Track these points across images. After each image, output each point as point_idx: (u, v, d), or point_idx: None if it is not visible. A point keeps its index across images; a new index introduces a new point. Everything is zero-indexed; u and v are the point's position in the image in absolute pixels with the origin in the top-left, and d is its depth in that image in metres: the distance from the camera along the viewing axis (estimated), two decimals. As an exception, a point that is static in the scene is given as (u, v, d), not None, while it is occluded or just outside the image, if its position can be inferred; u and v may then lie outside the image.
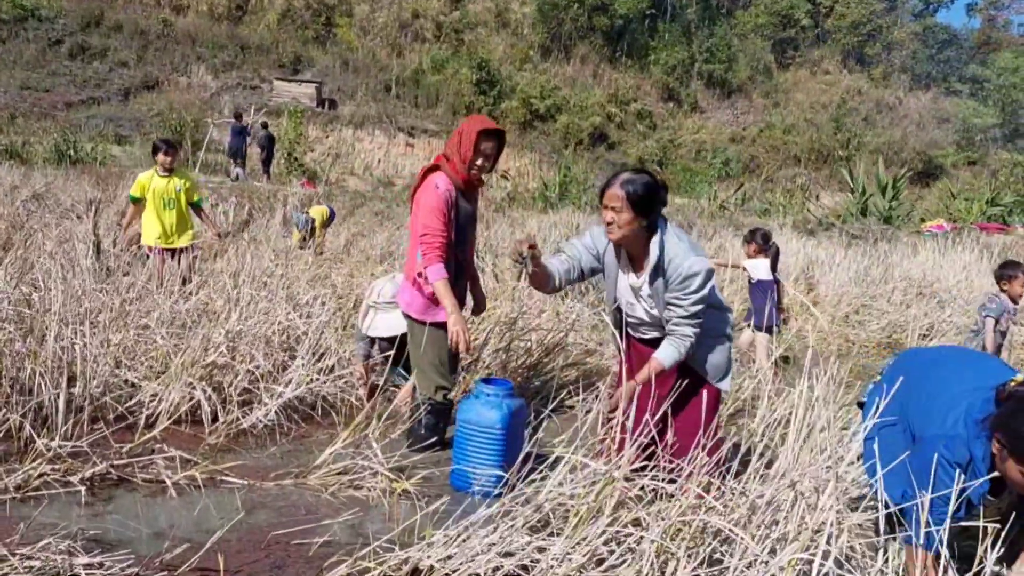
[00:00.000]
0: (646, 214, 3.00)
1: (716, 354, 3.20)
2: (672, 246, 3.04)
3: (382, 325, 4.39)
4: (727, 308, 3.31)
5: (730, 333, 3.28)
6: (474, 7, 40.64)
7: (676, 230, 3.14)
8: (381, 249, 10.19)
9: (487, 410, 3.31)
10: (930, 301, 7.76)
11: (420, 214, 3.65)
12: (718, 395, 3.24)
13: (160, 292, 4.68)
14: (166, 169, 6.56)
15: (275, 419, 3.91)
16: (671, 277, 3.03)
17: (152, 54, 30.27)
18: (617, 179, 3.04)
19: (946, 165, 39.58)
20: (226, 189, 15.10)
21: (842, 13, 47.88)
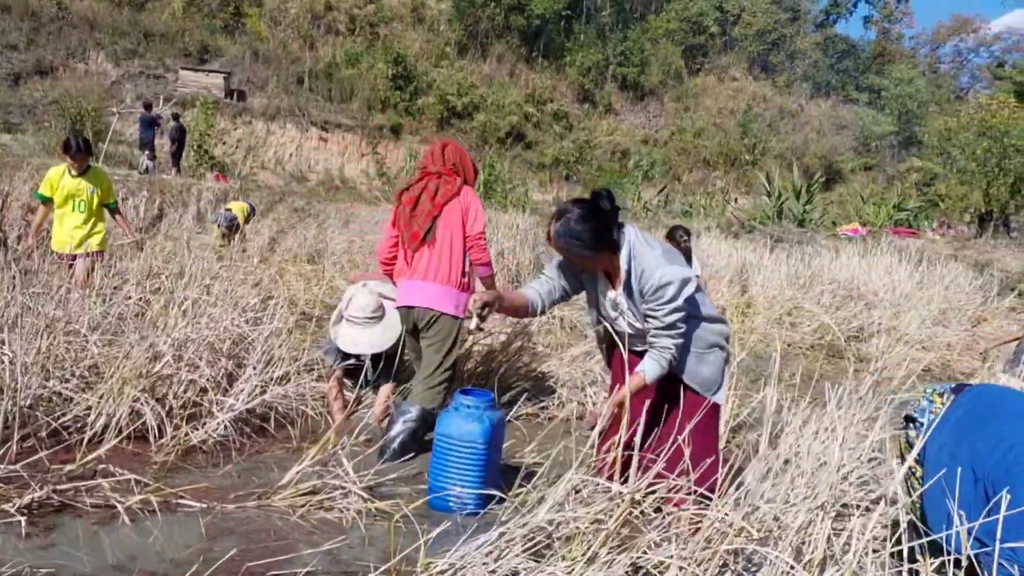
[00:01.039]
0: (600, 245, 2.89)
1: (704, 366, 3.07)
2: (642, 257, 2.91)
3: (364, 342, 4.16)
4: (719, 319, 3.18)
5: (722, 344, 3.15)
6: (389, 1, 40.04)
7: (644, 238, 2.99)
8: (309, 247, 9.83)
9: (468, 423, 3.13)
10: (858, 303, 7.96)
11: (478, 219, 3.97)
12: (714, 408, 3.13)
13: (89, 295, 4.30)
14: (79, 170, 6.04)
15: (226, 434, 3.63)
16: (644, 288, 2.91)
17: (45, 38, 28.55)
18: (552, 232, 2.89)
19: (844, 171, 41.29)
20: (134, 182, 14.33)
21: (748, 22, 49.35)
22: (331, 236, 10.62)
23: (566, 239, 2.85)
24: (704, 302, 3.11)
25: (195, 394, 3.75)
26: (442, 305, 3.84)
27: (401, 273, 3.99)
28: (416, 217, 3.91)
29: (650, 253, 2.91)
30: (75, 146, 5.99)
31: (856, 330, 7.48)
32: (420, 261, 3.88)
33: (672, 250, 3.04)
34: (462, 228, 3.90)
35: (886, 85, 42.05)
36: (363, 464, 3.27)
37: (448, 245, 3.85)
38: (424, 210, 3.90)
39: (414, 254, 3.90)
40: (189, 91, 28.36)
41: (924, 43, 55.94)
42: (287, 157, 30.82)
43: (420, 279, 3.87)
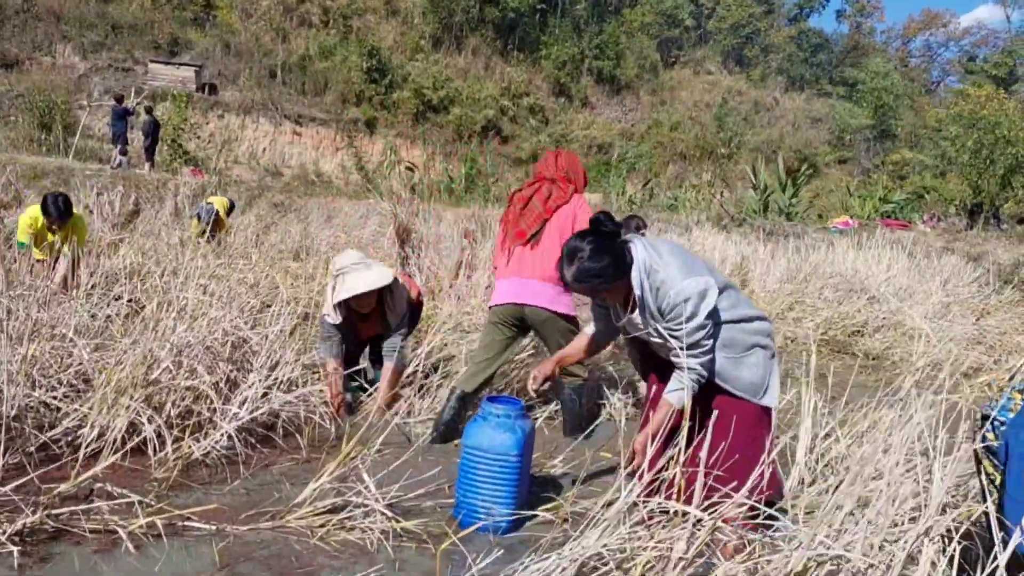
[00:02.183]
0: (618, 275, 2.71)
1: (745, 369, 2.84)
2: (655, 274, 2.69)
3: (361, 282, 3.98)
4: (755, 316, 2.95)
5: (765, 343, 2.92)
6: (363, -7, 39.56)
7: (655, 251, 2.74)
8: (294, 244, 9.52)
9: (499, 434, 2.89)
10: (861, 297, 7.82)
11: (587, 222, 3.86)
12: (761, 413, 2.91)
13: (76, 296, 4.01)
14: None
15: (230, 445, 3.36)
16: (662, 307, 2.70)
17: (10, 30, 27.82)
18: (569, 277, 2.71)
19: (820, 164, 41.52)
20: (107, 177, 13.89)
21: (723, 15, 49.49)
22: (316, 232, 10.30)
23: (586, 281, 2.71)
24: (736, 301, 2.87)
25: (195, 402, 3.48)
26: (554, 304, 3.89)
27: (503, 272, 4.00)
28: (525, 217, 3.96)
29: (664, 269, 2.69)
30: (55, 212, 5.41)
31: (860, 325, 7.34)
32: (523, 261, 3.92)
33: (691, 258, 2.82)
34: (570, 234, 3.70)
35: (862, 78, 42.32)
36: (385, 479, 3.01)
37: (555, 249, 3.70)
38: (535, 212, 3.94)
39: (515, 251, 3.96)
40: (159, 84, 27.80)
41: (895, 37, 56.43)
42: (261, 151, 30.34)
43: (526, 277, 3.90)
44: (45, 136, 19.81)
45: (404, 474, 3.11)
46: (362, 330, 4.44)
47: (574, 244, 2.72)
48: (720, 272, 3.04)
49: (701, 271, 2.74)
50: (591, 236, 2.72)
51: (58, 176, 14.11)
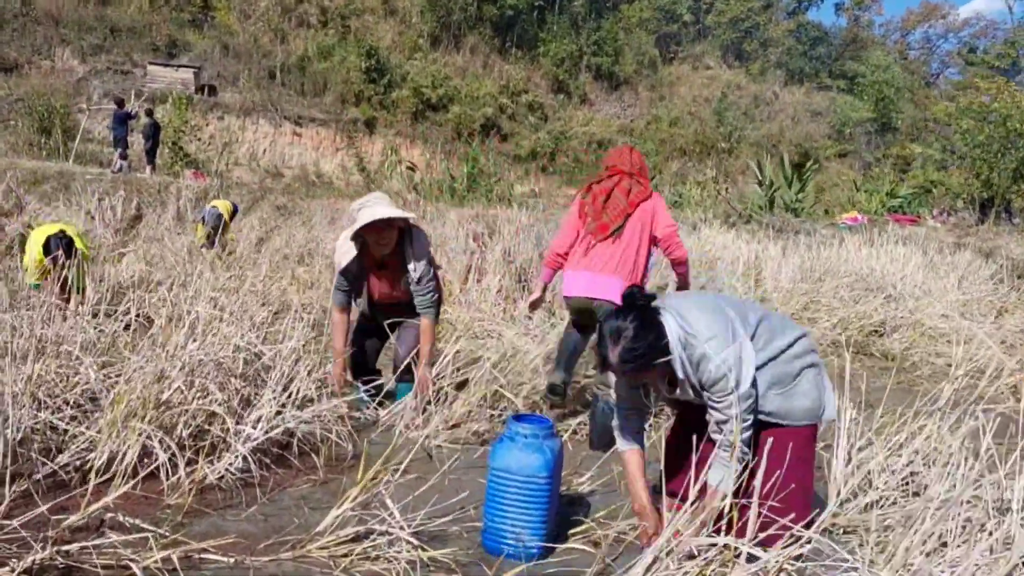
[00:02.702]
0: (662, 353, 2.51)
1: (799, 398, 2.66)
2: (692, 347, 2.52)
3: (372, 212, 3.94)
4: (795, 338, 2.71)
5: (810, 360, 2.69)
6: (360, -7, 39.36)
7: (685, 318, 2.56)
8: (299, 248, 9.39)
9: (527, 456, 2.76)
10: (878, 296, 7.69)
11: (669, 220, 4.02)
12: (813, 431, 2.76)
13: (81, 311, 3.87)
14: None
15: (245, 467, 3.23)
16: (703, 380, 2.54)
17: (9, 34, 27.65)
18: (615, 361, 2.51)
19: (820, 157, 41.34)
20: (107, 181, 13.75)
21: (721, 10, 49.27)
22: (320, 235, 10.16)
23: (633, 362, 2.49)
24: (772, 333, 2.67)
25: (207, 422, 3.35)
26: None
27: (578, 264, 3.99)
28: (608, 210, 3.95)
29: (698, 339, 2.52)
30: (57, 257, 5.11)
31: (878, 325, 7.21)
32: (603, 255, 3.92)
33: (717, 310, 2.61)
34: (649, 230, 3.96)
35: (863, 71, 42.15)
36: (409, 504, 2.87)
37: (636, 245, 3.92)
38: (619, 207, 3.94)
39: (596, 245, 3.95)
40: (158, 87, 27.64)
41: (894, 30, 56.24)
42: (261, 153, 30.19)
43: (598, 272, 3.91)
44: (45, 140, 19.67)
45: (428, 497, 2.98)
46: (378, 285, 4.26)
47: (615, 324, 2.51)
48: (744, 301, 2.86)
49: (732, 326, 2.57)
50: (632, 314, 2.51)
51: (58, 181, 13.98)
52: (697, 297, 2.76)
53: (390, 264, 4.16)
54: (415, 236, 4.13)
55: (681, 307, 2.61)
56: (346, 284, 4.21)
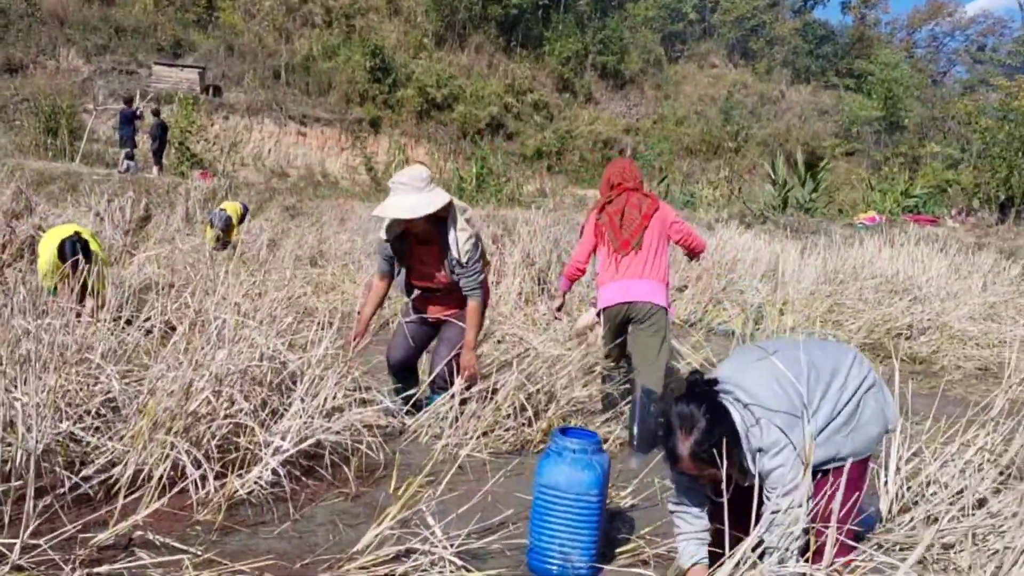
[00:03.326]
0: (737, 442, 2.33)
1: (866, 428, 2.51)
2: (754, 438, 2.35)
3: (419, 204, 3.75)
4: (848, 370, 2.54)
5: (868, 382, 2.54)
6: (364, -8, 39.23)
7: (747, 407, 2.37)
8: (311, 249, 9.28)
9: (577, 472, 2.63)
10: (903, 298, 7.55)
11: (678, 220, 4.49)
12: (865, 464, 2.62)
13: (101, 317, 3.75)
14: None
15: (275, 479, 3.11)
16: (762, 472, 2.38)
17: (14, 35, 27.56)
18: (687, 454, 2.30)
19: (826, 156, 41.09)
20: (115, 182, 13.64)
21: (727, 8, 49.07)
22: (332, 236, 10.04)
23: (706, 454, 2.27)
24: (828, 386, 2.49)
25: (235, 434, 3.23)
26: (657, 299, 4.26)
27: (610, 278, 4.34)
28: (625, 228, 4.32)
29: (760, 426, 2.35)
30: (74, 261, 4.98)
31: (904, 327, 7.07)
32: (630, 265, 4.29)
33: (773, 381, 2.42)
34: (665, 237, 4.39)
35: (872, 70, 41.92)
36: (449, 519, 2.75)
37: (654, 251, 4.33)
38: (635, 223, 4.31)
39: (622, 260, 4.31)
40: (164, 87, 27.54)
41: (900, 28, 56.01)
42: (266, 152, 30.10)
43: (630, 279, 4.27)
44: (51, 141, 19.55)
45: (468, 513, 2.85)
46: (419, 265, 4.08)
47: (685, 411, 2.30)
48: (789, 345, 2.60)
49: (792, 403, 2.39)
50: (701, 402, 2.32)
51: (65, 181, 13.89)
52: (752, 366, 2.52)
53: (433, 239, 3.95)
54: (456, 216, 3.93)
55: (740, 381, 2.42)
56: (388, 252, 4.09)
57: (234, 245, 9.79)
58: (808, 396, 2.41)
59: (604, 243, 4.40)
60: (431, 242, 3.95)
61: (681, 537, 2.54)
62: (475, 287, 4.02)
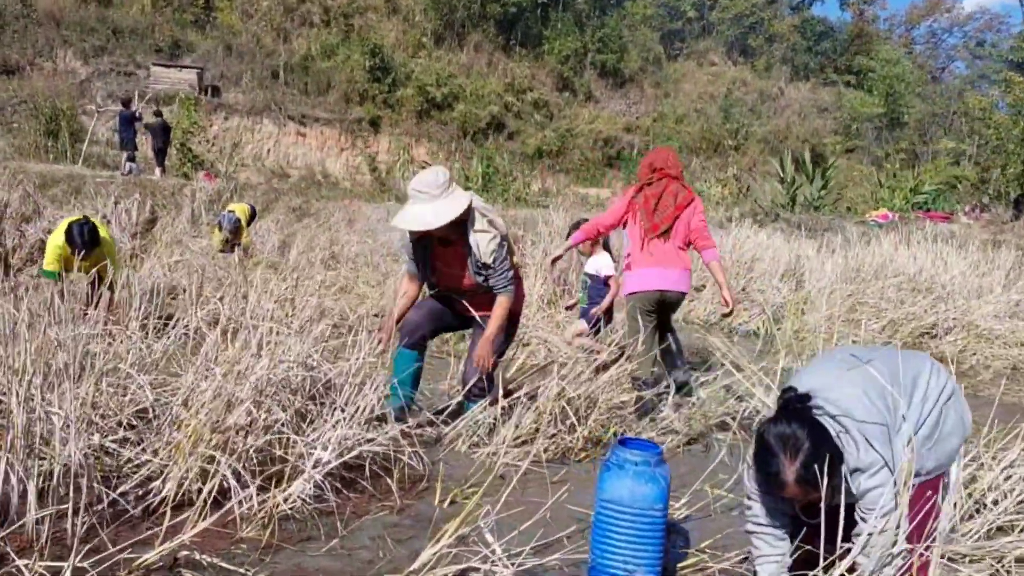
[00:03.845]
0: (841, 462, 2.20)
1: (948, 440, 2.40)
2: (849, 456, 2.22)
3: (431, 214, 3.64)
4: (927, 378, 2.43)
5: (949, 391, 2.44)
6: (363, -9, 39.08)
7: (840, 423, 2.25)
8: (322, 251, 9.16)
9: (640, 486, 2.52)
10: (926, 297, 7.45)
11: (704, 219, 4.75)
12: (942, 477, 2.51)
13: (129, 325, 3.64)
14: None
15: (319, 493, 3.00)
16: (856, 492, 2.26)
17: (10, 36, 27.37)
18: (792, 479, 2.14)
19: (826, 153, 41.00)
20: (119, 184, 13.51)
21: (726, 5, 48.98)
22: (343, 238, 9.93)
23: (813, 479, 2.12)
24: (911, 399, 2.36)
25: (273, 445, 3.12)
26: (683, 287, 4.65)
27: (642, 262, 4.58)
28: (659, 212, 4.56)
29: (852, 448, 2.22)
30: (80, 243, 5.06)
31: (929, 327, 6.98)
32: (660, 252, 4.56)
33: (864, 407, 2.27)
34: (689, 229, 4.64)
35: (873, 66, 41.85)
36: (506, 532, 2.63)
37: (683, 240, 4.62)
38: (668, 210, 4.56)
39: (650, 243, 4.56)
40: (162, 88, 27.39)
41: (898, 24, 55.97)
42: (266, 153, 29.97)
43: (665, 267, 4.54)
44: (52, 143, 19.39)
45: (523, 525, 2.74)
46: (443, 267, 3.94)
47: (786, 432, 2.15)
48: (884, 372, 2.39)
49: (884, 416, 2.27)
50: (801, 422, 2.17)
51: (68, 184, 13.75)
52: (843, 383, 2.35)
53: (455, 240, 3.82)
54: (475, 218, 3.79)
55: (830, 396, 2.29)
56: (410, 252, 4.01)
57: (245, 247, 9.69)
58: (897, 407, 2.30)
59: (635, 222, 4.65)
60: (453, 243, 3.84)
61: (761, 560, 2.42)
62: (505, 285, 3.88)
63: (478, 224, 3.79)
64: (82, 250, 5.01)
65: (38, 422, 2.67)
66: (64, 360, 2.83)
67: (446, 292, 4.08)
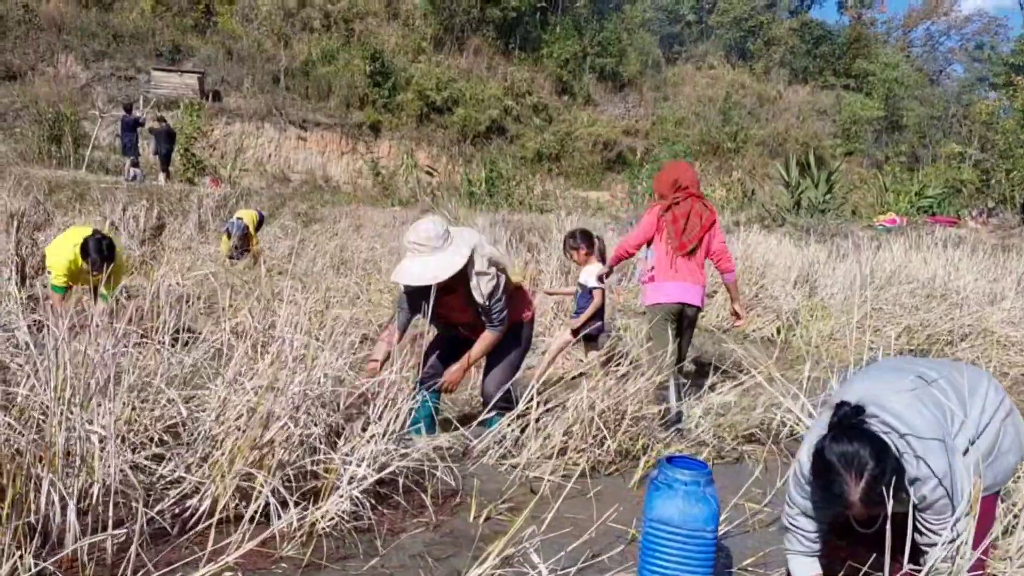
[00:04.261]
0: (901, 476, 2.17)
1: (1006, 457, 2.38)
2: (908, 467, 2.19)
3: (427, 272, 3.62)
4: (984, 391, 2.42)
5: (1006, 407, 2.42)
6: (362, -4, 39.09)
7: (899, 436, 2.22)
8: (333, 257, 9.12)
9: (691, 506, 2.49)
10: (941, 303, 7.44)
11: (721, 236, 4.98)
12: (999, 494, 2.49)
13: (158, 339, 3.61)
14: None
15: (355, 509, 2.97)
16: (917, 503, 2.24)
17: (12, 41, 27.35)
18: (858, 497, 2.12)
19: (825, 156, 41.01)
20: (124, 190, 13.46)
21: (724, 9, 49.06)
22: (352, 244, 9.90)
23: (880, 498, 2.09)
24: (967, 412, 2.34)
25: (308, 460, 3.09)
26: (701, 301, 4.88)
27: (667, 276, 4.76)
28: (687, 232, 4.75)
29: (912, 460, 2.20)
30: (97, 258, 4.91)
31: (946, 333, 6.96)
32: (685, 268, 4.75)
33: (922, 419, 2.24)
34: (711, 248, 4.88)
35: (873, 69, 41.89)
36: (547, 556, 2.61)
37: (704, 258, 4.88)
38: (695, 229, 4.77)
39: (677, 260, 4.74)
40: (163, 92, 27.39)
41: (896, 27, 56.07)
42: (267, 158, 29.94)
43: (688, 282, 4.75)
44: (55, 149, 19.34)
45: (563, 541, 2.72)
46: (448, 308, 3.89)
47: (849, 451, 2.11)
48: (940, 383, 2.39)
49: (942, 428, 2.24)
50: (862, 439, 2.14)
51: (73, 190, 13.73)
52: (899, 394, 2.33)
53: (456, 287, 3.78)
54: (475, 262, 3.75)
55: (887, 407, 2.26)
56: (407, 303, 3.91)
57: (255, 254, 9.66)
58: (953, 418, 2.28)
59: (662, 240, 4.81)
60: (454, 291, 3.80)
61: (793, 552, 2.48)
62: (496, 323, 3.90)
63: (478, 265, 3.76)
64: (100, 266, 4.91)
65: (76, 441, 2.64)
66: (101, 376, 2.79)
67: (448, 325, 4.10)
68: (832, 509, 2.28)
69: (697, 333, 6.96)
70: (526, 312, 4.19)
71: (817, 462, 2.20)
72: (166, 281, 6.60)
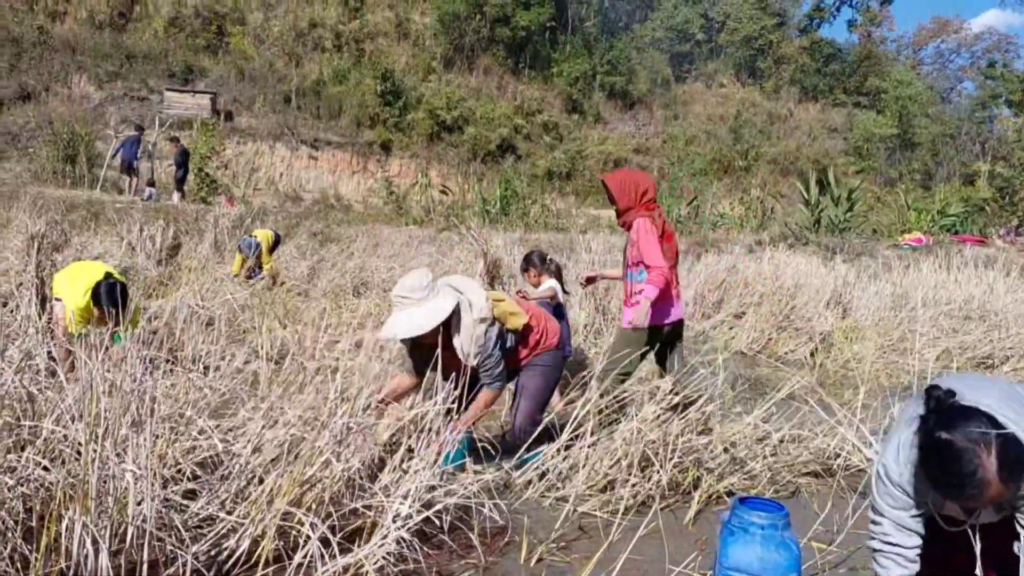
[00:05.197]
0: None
1: None
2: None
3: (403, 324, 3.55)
4: None
5: None
6: (373, 17, 39.27)
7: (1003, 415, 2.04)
8: (352, 278, 8.98)
9: (771, 552, 2.32)
10: (980, 325, 7.24)
11: None
12: None
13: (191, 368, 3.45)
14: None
15: (399, 550, 2.80)
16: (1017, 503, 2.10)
17: (27, 63, 27.50)
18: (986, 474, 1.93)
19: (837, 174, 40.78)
20: (139, 210, 13.38)
21: (734, 28, 49.10)
22: (371, 264, 9.76)
23: (1019, 470, 1.94)
24: None
25: (349, 496, 2.92)
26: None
27: (671, 295, 4.51)
28: (673, 243, 4.60)
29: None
30: (112, 307, 4.63)
31: (985, 356, 6.76)
32: (677, 281, 4.62)
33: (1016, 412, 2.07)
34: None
35: (885, 87, 41.82)
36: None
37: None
38: (672, 238, 4.61)
39: (670, 272, 4.46)
40: (176, 112, 27.45)
41: (906, 45, 56.04)
42: (279, 177, 29.97)
43: (679, 299, 4.61)
44: (70, 168, 19.32)
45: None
46: (445, 358, 3.68)
47: (967, 427, 1.95)
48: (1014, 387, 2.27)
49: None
50: (974, 415, 1.98)
51: (87, 210, 13.66)
52: (986, 389, 2.17)
53: (447, 343, 3.65)
54: (459, 319, 3.65)
55: (979, 400, 2.08)
56: (408, 355, 3.85)
57: (273, 275, 9.53)
58: None
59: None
60: (447, 347, 3.64)
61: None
62: (492, 380, 3.73)
63: (463, 323, 3.64)
64: (113, 311, 4.62)
65: (110, 480, 2.47)
66: (137, 409, 2.63)
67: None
68: (940, 505, 2.10)
69: (729, 356, 6.78)
70: (542, 345, 3.98)
71: (930, 452, 2.01)
72: (185, 304, 6.46)
